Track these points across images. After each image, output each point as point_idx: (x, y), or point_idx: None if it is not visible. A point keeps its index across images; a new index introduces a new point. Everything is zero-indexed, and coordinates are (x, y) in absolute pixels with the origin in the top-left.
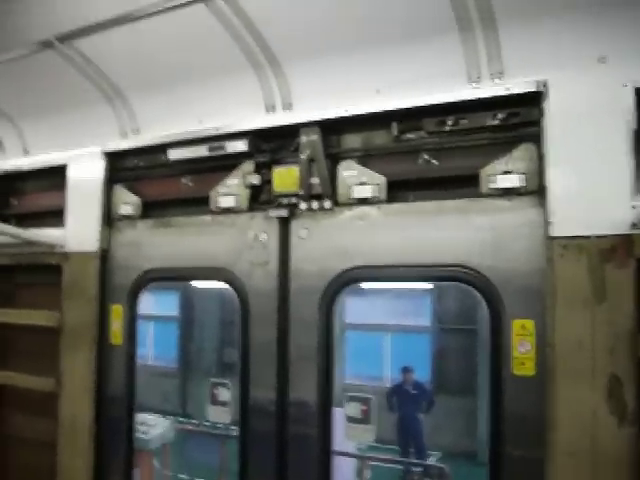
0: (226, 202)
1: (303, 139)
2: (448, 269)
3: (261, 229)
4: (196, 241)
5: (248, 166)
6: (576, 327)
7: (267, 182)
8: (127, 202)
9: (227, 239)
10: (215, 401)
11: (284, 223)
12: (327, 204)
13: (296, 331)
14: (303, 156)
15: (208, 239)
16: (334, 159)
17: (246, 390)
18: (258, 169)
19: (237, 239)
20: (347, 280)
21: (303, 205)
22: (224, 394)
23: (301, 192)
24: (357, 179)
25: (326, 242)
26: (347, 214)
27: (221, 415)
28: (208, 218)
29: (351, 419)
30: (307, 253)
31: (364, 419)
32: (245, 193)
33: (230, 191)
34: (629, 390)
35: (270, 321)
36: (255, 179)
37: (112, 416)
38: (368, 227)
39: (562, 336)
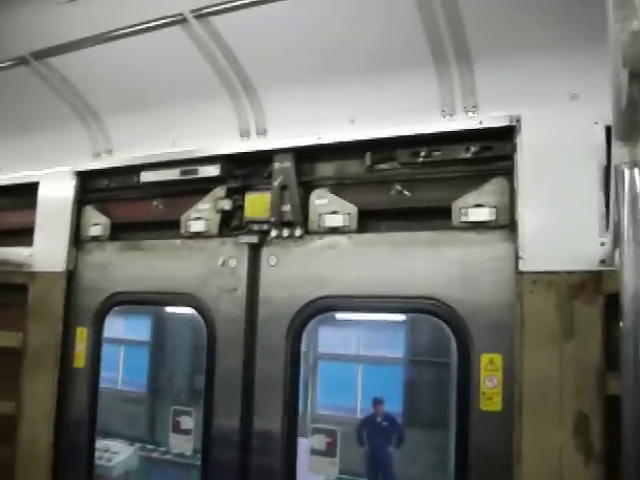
0: (196, 227)
1: (276, 166)
2: (418, 301)
3: (231, 255)
4: (165, 265)
5: (220, 191)
6: (544, 363)
7: (239, 208)
8: (96, 223)
9: (196, 264)
10: (177, 429)
11: (254, 249)
12: (298, 232)
13: (263, 359)
14: (275, 183)
15: (177, 264)
16: (307, 187)
17: (209, 418)
18: (230, 194)
19: (206, 264)
20: (316, 309)
21: (274, 232)
22: (187, 422)
23: (272, 219)
24: (328, 208)
25: (296, 270)
26: (318, 242)
27: (183, 444)
28: (178, 242)
29: (315, 451)
30: (276, 281)
31: (329, 452)
32: (216, 218)
33: (201, 215)
34: (596, 428)
35: (236, 348)
36: (226, 204)
37: (72, 441)
38: (338, 256)
39: (529, 372)
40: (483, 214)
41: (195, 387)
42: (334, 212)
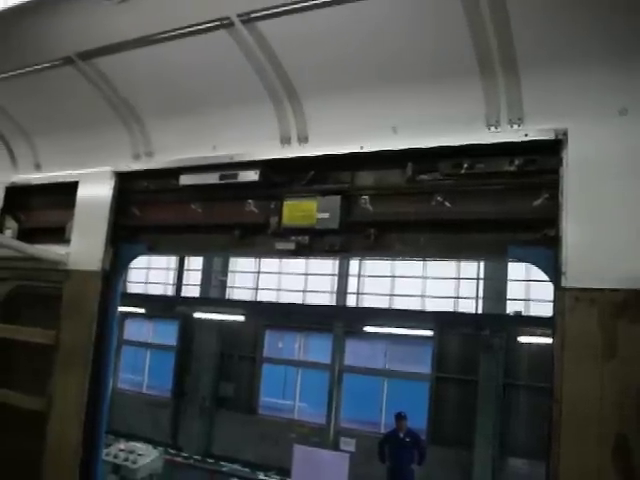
0: None
1: None
2: None
3: None
4: None
5: None
6: (584, 382)
7: (276, 214)
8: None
9: None
10: None
11: None
12: None
13: None
14: None
15: None
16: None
17: None
18: (269, 200)
19: None
20: None
21: None
22: None
23: None
24: None
25: None
26: None
27: None
28: None
29: None
30: None
31: None
32: None
33: None
34: (637, 450)
35: None
36: None
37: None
38: None
39: (569, 391)
40: None
41: None
42: None
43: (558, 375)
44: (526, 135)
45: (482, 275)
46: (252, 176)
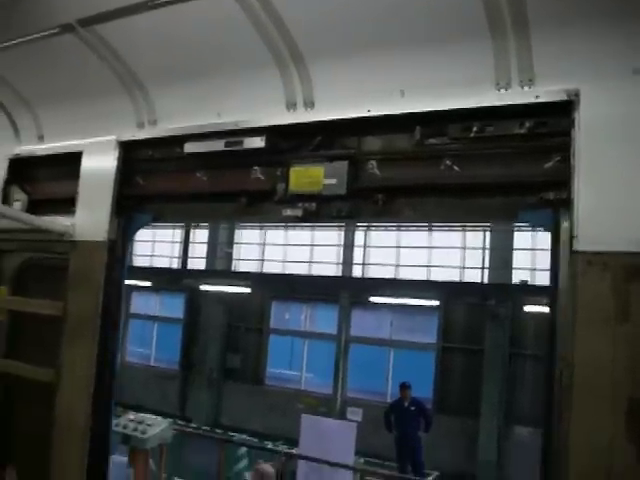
0: None
1: None
2: None
3: None
4: None
5: None
6: (596, 346)
7: (282, 181)
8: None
9: None
10: None
11: None
12: None
13: None
14: None
15: None
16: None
17: None
18: (275, 167)
19: None
20: None
21: None
22: None
23: None
24: None
25: None
26: None
27: None
28: None
29: None
30: None
31: None
32: None
33: None
34: None
35: None
36: None
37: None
38: None
39: (581, 354)
40: None
41: None
42: None
43: (568, 340)
44: (537, 97)
45: (488, 245)
46: (258, 142)
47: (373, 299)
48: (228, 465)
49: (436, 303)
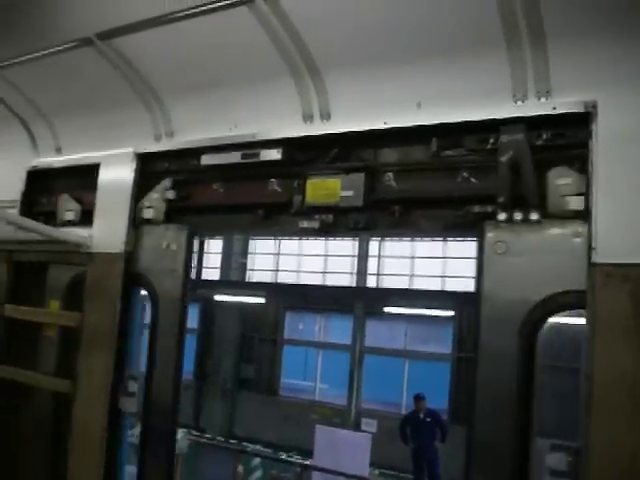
0: (147, 214)
1: (504, 139)
2: None
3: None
4: None
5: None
6: (616, 359)
7: (299, 193)
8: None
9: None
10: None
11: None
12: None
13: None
14: (504, 158)
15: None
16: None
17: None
18: (292, 179)
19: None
20: None
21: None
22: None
23: (501, 199)
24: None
25: None
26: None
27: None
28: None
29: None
30: None
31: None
32: (162, 206)
33: (151, 204)
34: None
35: None
36: (171, 194)
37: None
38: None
39: (601, 368)
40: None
41: None
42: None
43: (589, 352)
44: (554, 108)
45: None
46: (274, 155)
47: (387, 309)
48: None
49: (451, 313)
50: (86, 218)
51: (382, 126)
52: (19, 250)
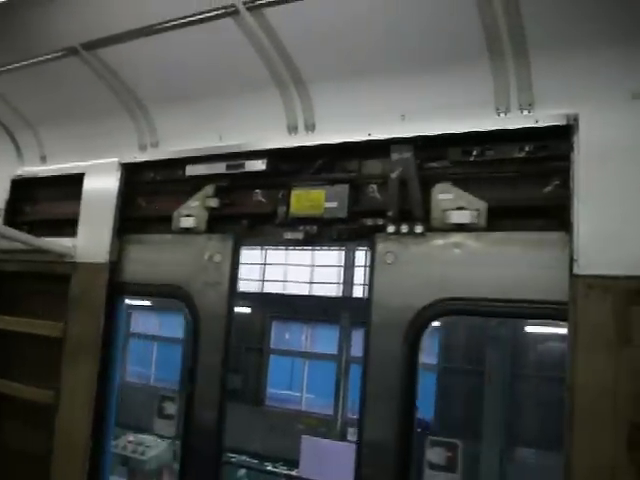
0: (186, 223)
1: (394, 156)
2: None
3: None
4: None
5: (209, 189)
6: (598, 370)
7: (284, 204)
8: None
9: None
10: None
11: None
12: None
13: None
14: (394, 175)
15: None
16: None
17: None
18: (276, 189)
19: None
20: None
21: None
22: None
23: (390, 213)
24: (454, 203)
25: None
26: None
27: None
28: (169, 237)
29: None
30: None
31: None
32: (204, 215)
33: (190, 212)
34: None
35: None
36: (214, 202)
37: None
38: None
39: (582, 379)
40: None
41: None
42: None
43: (571, 363)
44: (537, 121)
45: None
46: (259, 165)
47: None
48: None
49: (436, 323)
50: (70, 228)
51: (366, 138)
52: (2, 260)
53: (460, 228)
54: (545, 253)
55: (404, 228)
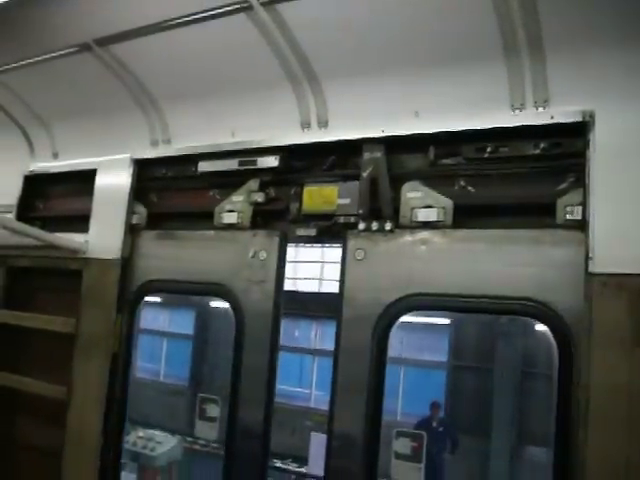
0: (229, 219)
1: (366, 156)
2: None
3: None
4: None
5: (253, 184)
6: (612, 369)
7: (296, 200)
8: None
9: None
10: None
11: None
12: (388, 225)
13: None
14: (365, 173)
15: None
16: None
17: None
18: (289, 186)
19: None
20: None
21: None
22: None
23: (361, 211)
24: (422, 201)
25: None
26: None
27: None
28: (211, 233)
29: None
30: None
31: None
32: (248, 210)
33: (234, 208)
34: None
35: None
36: (259, 197)
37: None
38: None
39: (597, 378)
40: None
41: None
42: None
43: (585, 361)
44: (552, 117)
45: None
46: (272, 162)
47: None
48: None
49: (447, 321)
50: (82, 224)
51: (380, 134)
52: (14, 255)
53: (427, 226)
54: (514, 249)
55: (374, 225)
